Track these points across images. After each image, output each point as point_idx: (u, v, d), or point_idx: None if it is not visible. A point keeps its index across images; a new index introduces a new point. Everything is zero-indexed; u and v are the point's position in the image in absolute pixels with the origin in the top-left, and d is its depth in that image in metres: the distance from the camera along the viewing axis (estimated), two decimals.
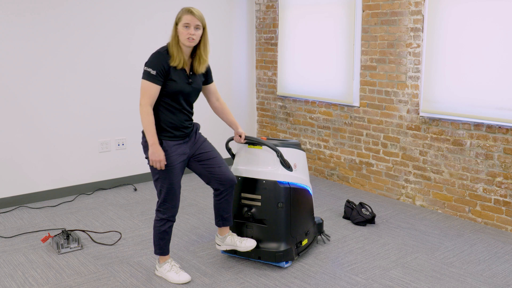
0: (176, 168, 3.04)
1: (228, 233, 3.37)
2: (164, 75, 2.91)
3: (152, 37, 5.26)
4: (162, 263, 3.25)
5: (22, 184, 4.68)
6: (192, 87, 3.04)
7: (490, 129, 4.05)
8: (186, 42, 2.90)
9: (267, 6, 5.91)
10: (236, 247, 3.33)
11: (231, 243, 3.35)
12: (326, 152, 5.44)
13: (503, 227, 4.07)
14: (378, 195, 4.97)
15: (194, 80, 3.06)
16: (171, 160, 3.02)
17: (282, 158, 3.32)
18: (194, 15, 2.89)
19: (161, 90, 2.96)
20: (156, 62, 2.89)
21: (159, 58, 2.90)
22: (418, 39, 4.44)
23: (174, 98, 2.98)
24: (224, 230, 3.37)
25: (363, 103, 4.98)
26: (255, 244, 3.33)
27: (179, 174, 3.08)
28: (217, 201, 3.27)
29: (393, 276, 3.29)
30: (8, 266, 3.44)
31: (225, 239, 3.37)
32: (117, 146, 5.18)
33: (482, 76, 4.05)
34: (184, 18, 2.89)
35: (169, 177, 3.03)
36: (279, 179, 3.33)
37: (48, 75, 4.69)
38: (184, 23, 2.89)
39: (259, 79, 6.17)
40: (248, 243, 3.31)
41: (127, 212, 4.50)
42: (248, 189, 3.40)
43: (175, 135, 3.03)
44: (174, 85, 2.94)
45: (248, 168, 3.40)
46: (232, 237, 3.35)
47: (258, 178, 3.36)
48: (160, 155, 2.93)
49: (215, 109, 3.33)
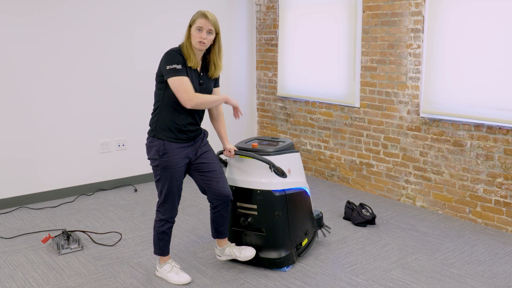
0: (178, 171, 3.04)
1: (226, 245, 3.37)
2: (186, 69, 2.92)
3: (152, 37, 5.26)
4: (163, 263, 3.25)
5: (22, 185, 4.68)
6: (202, 88, 3.04)
7: (490, 130, 4.05)
8: (197, 45, 2.92)
9: (268, 6, 5.91)
10: (235, 257, 3.33)
11: (230, 254, 3.35)
12: (327, 153, 5.44)
13: (503, 228, 4.07)
14: (378, 196, 4.97)
15: (205, 82, 3.06)
16: (173, 162, 3.01)
17: (275, 168, 3.23)
18: (208, 19, 2.90)
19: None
20: (175, 58, 2.89)
21: (177, 55, 2.91)
22: (419, 40, 4.44)
23: None
24: (223, 242, 3.37)
25: (363, 104, 4.98)
26: (254, 253, 3.31)
27: (181, 177, 3.08)
28: (213, 214, 3.26)
29: (393, 277, 3.28)
30: (8, 266, 3.44)
31: (224, 251, 3.37)
32: (117, 146, 5.18)
33: (482, 77, 4.05)
34: (198, 21, 2.91)
35: (171, 179, 3.03)
36: (274, 188, 3.26)
37: (48, 76, 4.69)
38: (197, 26, 2.90)
39: (260, 80, 6.17)
40: (247, 253, 3.30)
41: (127, 212, 4.50)
42: (243, 199, 3.34)
43: (178, 137, 3.01)
44: None
45: (242, 178, 3.33)
46: (231, 248, 3.35)
47: (252, 189, 3.29)
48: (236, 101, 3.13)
49: (211, 116, 3.29)
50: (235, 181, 3.35)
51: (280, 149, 3.35)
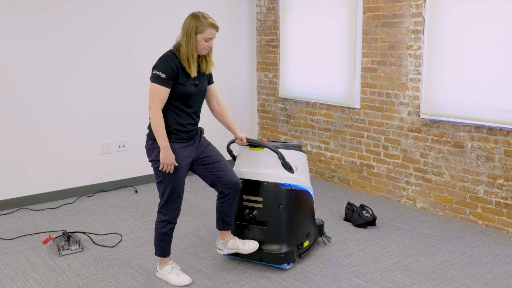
0: (181, 171, 3.06)
1: (229, 237, 3.36)
2: (173, 78, 2.93)
3: (153, 39, 5.26)
4: (163, 265, 3.25)
5: (23, 186, 4.68)
6: (198, 88, 3.07)
7: (491, 131, 4.05)
8: (203, 52, 2.99)
9: (268, 8, 5.91)
10: (239, 250, 3.33)
11: (233, 247, 3.34)
12: (327, 154, 5.44)
13: (504, 229, 4.07)
14: (379, 197, 4.97)
15: (200, 81, 3.09)
16: (178, 162, 3.04)
17: (284, 160, 3.32)
18: (217, 30, 2.97)
19: (170, 93, 2.98)
20: (165, 65, 2.91)
21: (168, 61, 2.92)
22: (419, 41, 4.44)
23: (182, 100, 3.01)
24: (226, 234, 3.36)
25: (364, 105, 4.98)
26: (258, 245, 3.32)
27: (184, 177, 3.10)
28: (220, 204, 3.26)
29: (394, 279, 3.28)
30: (9, 268, 3.44)
31: (227, 243, 3.36)
32: (118, 148, 5.19)
33: (483, 78, 4.05)
34: (208, 32, 2.94)
35: (174, 180, 3.05)
36: (281, 181, 3.33)
37: (49, 77, 4.69)
38: (207, 37, 2.95)
39: (260, 81, 6.17)
40: (250, 245, 3.31)
41: (128, 214, 4.50)
42: (249, 191, 3.40)
43: (181, 138, 3.05)
44: (182, 88, 2.97)
45: (249, 170, 3.40)
46: (234, 240, 3.35)
47: (259, 180, 3.36)
48: (173, 158, 2.97)
49: (214, 112, 3.33)
50: (243, 173, 3.42)
51: (288, 146, 3.44)
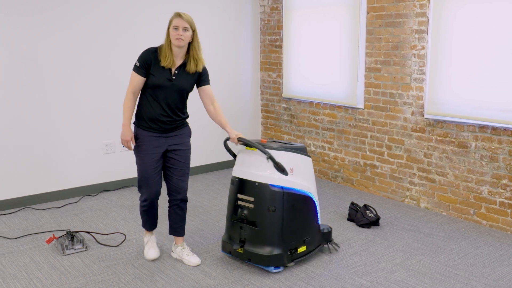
0: (147, 157, 3.30)
1: (180, 244, 3.56)
2: (146, 68, 3.22)
3: (156, 38, 5.26)
4: (144, 236, 3.64)
5: (26, 186, 4.69)
6: (173, 83, 3.24)
7: (495, 131, 4.03)
8: (176, 42, 3.17)
9: (272, 8, 5.91)
10: (182, 259, 3.52)
11: (179, 255, 3.55)
12: (331, 154, 5.44)
13: (508, 229, 4.06)
14: (382, 197, 4.96)
15: (179, 78, 3.26)
16: (142, 148, 3.30)
17: (274, 161, 3.27)
18: (182, 18, 3.17)
19: (145, 82, 3.26)
20: (142, 56, 3.23)
21: (146, 53, 3.23)
22: (423, 41, 4.43)
23: (153, 91, 3.25)
24: (178, 240, 3.57)
25: (367, 105, 4.97)
26: (199, 262, 3.47)
27: (152, 164, 3.31)
28: (169, 210, 3.52)
29: (397, 279, 3.28)
30: (13, 267, 3.45)
31: (176, 249, 3.57)
32: (121, 147, 5.19)
33: (487, 78, 4.04)
34: (174, 21, 3.19)
35: (141, 163, 3.32)
36: (272, 182, 3.28)
37: (52, 77, 4.71)
38: (174, 25, 3.18)
39: (264, 81, 6.17)
40: (192, 259, 3.49)
41: (131, 213, 4.50)
42: (243, 190, 3.40)
43: (150, 127, 3.29)
44: (153, 79, 3.22)
45: (244, 169, 3.40)
46: (183, 249, 3.54)
47: (251, 180, 3.35)
48: (127, 136, 3.28)
49: (209, 113, 3.47)
50: (239, 172, 3.43)
51: (286, 148, 3.37)
